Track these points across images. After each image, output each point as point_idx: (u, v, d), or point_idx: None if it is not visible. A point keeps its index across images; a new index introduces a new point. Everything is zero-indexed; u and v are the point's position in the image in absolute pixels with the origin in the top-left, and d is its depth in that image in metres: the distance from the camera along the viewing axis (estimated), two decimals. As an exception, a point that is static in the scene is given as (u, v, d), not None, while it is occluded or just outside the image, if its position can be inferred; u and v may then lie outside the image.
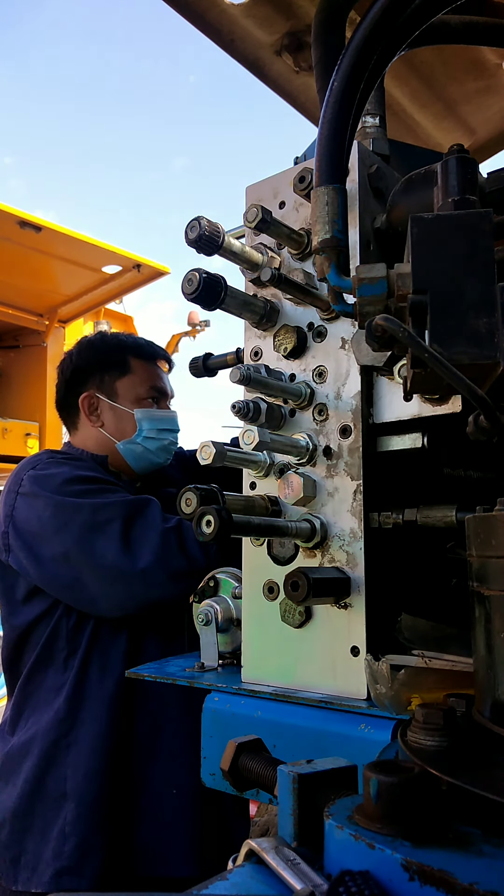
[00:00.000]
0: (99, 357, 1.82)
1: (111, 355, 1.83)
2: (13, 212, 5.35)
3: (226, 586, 1.12)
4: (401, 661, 0.77)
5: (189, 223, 0.86)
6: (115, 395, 1.79)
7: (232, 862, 0.51)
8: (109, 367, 1.80)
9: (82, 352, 1.85)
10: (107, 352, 1.83)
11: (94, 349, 1.84)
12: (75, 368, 1.82)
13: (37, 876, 1.42)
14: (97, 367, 1.80)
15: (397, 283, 0.59)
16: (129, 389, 1.79)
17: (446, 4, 0.77)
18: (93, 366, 1.81)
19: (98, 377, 1.79)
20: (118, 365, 1.81)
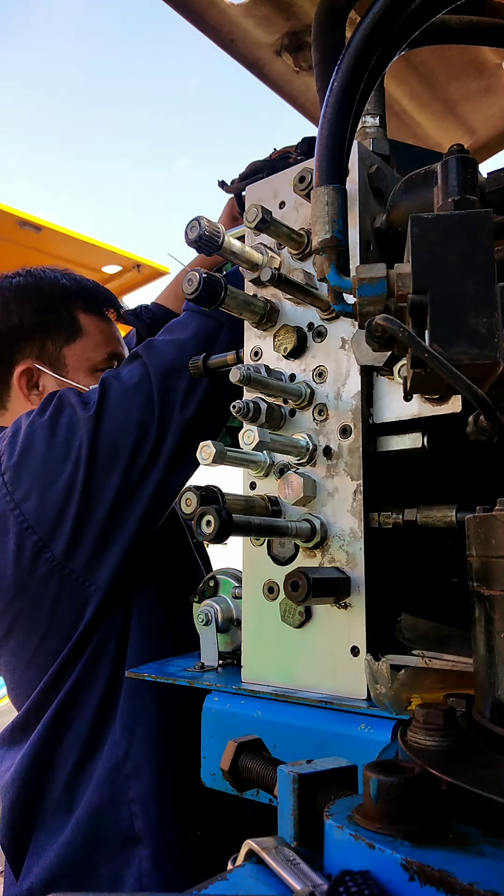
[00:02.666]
0: (38, 315, 1.40)
1: (54, 311, 1.42)
2: (13, 212, 5.35)
3: (226, 586, 1.12)
4: (401, 661, 0.77)
5: (189, 223, 0.86)
6: (62, 365, 1.41)
7: (232, 862, 0.51)
8: (53, 329, 1.41)
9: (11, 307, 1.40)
10: (48, 307, 1.41)
11: (32, 304, 1.41)
12: (5, 330, 1.39)
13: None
14: (35, 329, 1.40)
15: (397, 283, 0.59)
16: (82, 359, 1.42)
17: (446, 4, 0.77)
18: (29, 328, 1.39)
19: (37, 342, 1.40)
20: (65, 325, 1.42)
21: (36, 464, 1.19)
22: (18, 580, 1.21)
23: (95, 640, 1.23)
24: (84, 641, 1.23)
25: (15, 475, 1.20)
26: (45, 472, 1.18)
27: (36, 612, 1.22)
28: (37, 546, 1.19)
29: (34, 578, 1.20)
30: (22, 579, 1.20)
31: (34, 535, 1.18)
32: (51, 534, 1.18)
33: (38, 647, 1.24)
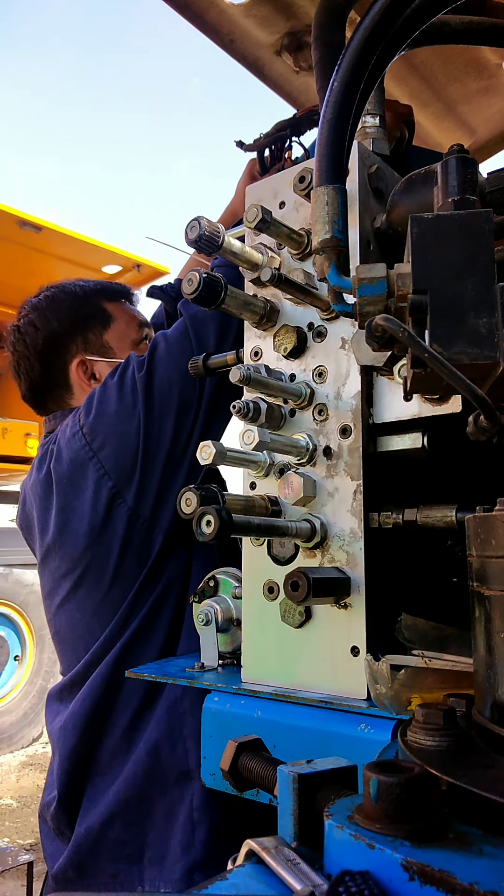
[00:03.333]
0: (73, 316, 1.56)
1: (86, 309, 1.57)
2: (13, 212, 5.35)
3: (226, 586, 1.12)
4: (401, 661, 0.77)
5: (189, 223, 0.86)
6: (109, 350, 1.56)
7: (232, 862, 0.51)
8: (89, 323, 1.56)
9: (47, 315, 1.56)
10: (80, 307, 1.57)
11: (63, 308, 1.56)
12: (48, 336, 1.54)
13: (165, 873, 1.18)
14: (74, 327, 1.55)
15: (397, 283, 0.59)
16: (121, 338, 1.57)
17: (446, 4, 0.77)
18: (68, 327, 1.55)
19: (80, 338, 1.55)
20: (98, 317, 1.57)
21: (110, 416, 1.32)
22: (93, 528, 1.31)
23: (160, 586, 1.32)
24: (149, 587, 1.31)
25: (92, 427, 1.33)
26: (118, 422, 1.31)
27: (106, 560, 1.31)
28: (112, 492, 1.30)
29: (107, 526, 1.30)
30: (96, 527, 1.30)
31: (110, 482, 1.31)
32: (124, 480, 1.30)
33: (105, 595, 1.32)
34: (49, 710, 1.43)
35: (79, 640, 1.36)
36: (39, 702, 6.06)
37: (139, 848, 1.22)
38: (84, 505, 1.32)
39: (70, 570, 1.36)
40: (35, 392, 1.62)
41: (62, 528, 1.36)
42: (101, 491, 1.30)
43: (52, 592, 1.43)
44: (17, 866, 2.90)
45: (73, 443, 1.35)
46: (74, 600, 1.36)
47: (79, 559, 1.34)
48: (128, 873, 1.21)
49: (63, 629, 1.41)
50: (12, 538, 6.07)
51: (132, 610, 1.31)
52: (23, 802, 4.99)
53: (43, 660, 6.15)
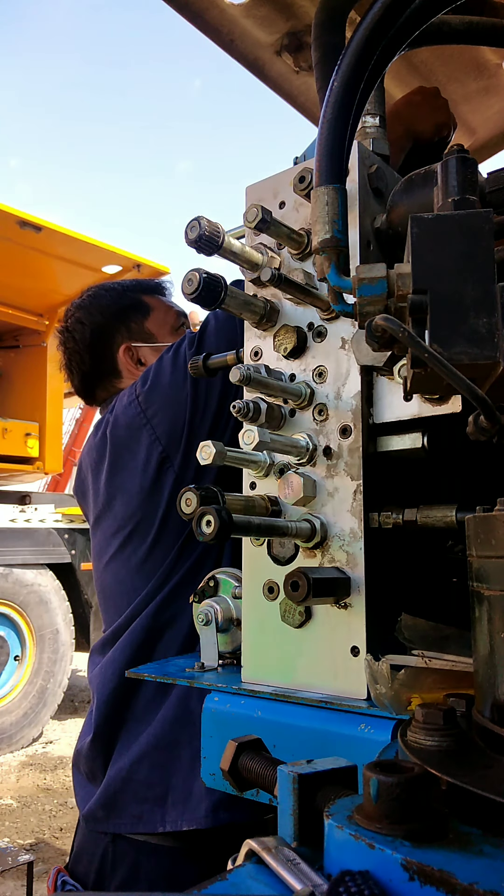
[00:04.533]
0: (115, 308, 1.71)
1: (125, 301, 1.73)
2: (13, 212, 5.36)
3: (226, 586, 1.12)
4: (401, 661, 0.77)
5: (189, 223, 0.86)
6: (151, 336, 1.71)
7: (232, 862, 0.51)
8: (130, 313, 1.71)
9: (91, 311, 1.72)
10: (120, 300, 1.73)
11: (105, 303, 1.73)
12: (95, 329, 1.70)
13: (188, 812, 1.24)
14: (117, 318, 1.70)
15: (397, 283, 0.59)
16: (161, 325, 1.72)
17: (446, 4, 0.77)
18: (112, 319, 1.70)
19: (123, 328, 1.70)
20: (137, 308, 1.72)
21: (164, 386, 1.43)
22: (143, 489, 1.42)
23: (199, 550, 1.40)
24: (188, 550, 1.40)
25: (147, 396, 1.44)
26: (170, 393, 1.41)
27: (152, 520, 1.42)
28: (161, 456, 1.41)
29: (156, 487, 1.41)
30: (146, 488, 1.42)
31: (160, 447, 1.41)
32: (173, 446, 1.41)
33: (148, 553, 1.42)
34: (91, 662, 1.53)
35: (123, 596, 1.46)
36: (39, 702, 6.07)
37: (164, 790, 1.28)
38: (136, 467, 1.43)
39: (119, 528, 1.46)
40: (87, 383, 1.76)
41: (116, 488, 1.48)
42: (151, 455, 1.41)
43: (101, 552, 1.53)
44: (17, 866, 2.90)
45: (129, 410, 1.46)
46: (121, 558, 1.47)
47: (128, 518, 1.44)
48: (151, 814, 1.28)
49: (109, 585, 1.51)
50: (12, 538, 6.08)
51: (173, 569, 1.40)
52: (23, 802, 4.99)
53: (43, 660, 6.15)
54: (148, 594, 1.40)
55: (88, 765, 1.42)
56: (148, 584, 1.41)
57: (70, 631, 6.43)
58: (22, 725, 5.94)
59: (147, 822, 1.27)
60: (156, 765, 1.29)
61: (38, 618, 6.16)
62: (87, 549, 6.27)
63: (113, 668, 1.39)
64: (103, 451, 1.51)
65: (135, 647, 1.38)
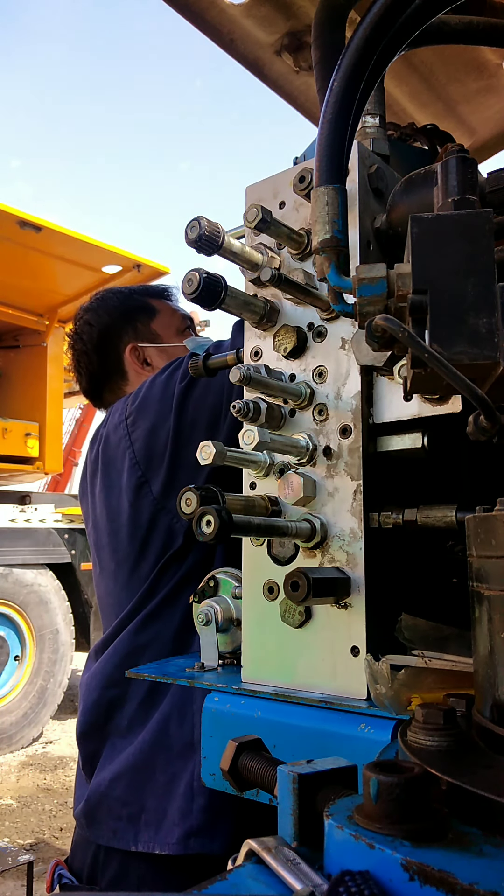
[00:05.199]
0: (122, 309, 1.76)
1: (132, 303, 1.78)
2: (13, 212, 5.36)
3: (226, 586, 1.12)
4: (401, 661, 0.77)
5: (189, 223, 0.86)
6: (157, 337, 1.74)
7: (232, 862, 0.51)
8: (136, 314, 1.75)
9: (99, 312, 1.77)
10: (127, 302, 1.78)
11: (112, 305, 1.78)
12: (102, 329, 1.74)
13: (161, 836, 1.25)
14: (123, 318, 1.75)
15: (397, 283, 0.59)
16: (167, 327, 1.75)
17: (446, 4, 0.77)
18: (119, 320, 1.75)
19: (130, 328, 1.74)
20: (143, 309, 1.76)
21: (149, 412, 1.43)
22: (125, 509, 1.43)
23: (182, 570, 1.40)
24: (171, 570, 1.40)
25: (134, 418, 1.46)
26: (155, 420, 1.42)
27: (135, 540, 1.43)
28: (140, 480, 1.42)
29: (137, 509, 1.42)
30: (127, 509, 1.43)
31: (139, 471, 1.42)
32: (151, 472, 1.41)
33: (133, 571, 1.44)
34: (86, 666, 1.55)
35: (112, 608, 1.49)
36: (39, 702, 6.07)
37: (138, 810, 1.29)
38: (120, 487, 1.45)
39: (108, 543, 1.49)
40: (94, 383, 1.79)
41: (104, 506, 1.50)
42: (132, 477, 1.43)
43: (96, 561, 1.57)
44: (17, 866, 2.90)
45: (118, 430, 1.49)
46: (110, 571, 1.49)
47: (115, 535, 1.46)
48: (125, 832, 1.28)
49: (102, 595, 1.55)
50: (12, 538, 6.08)
51: (155, 588, 1.41)
52: (23, 802, 4.99)
53: (43, 660, 6.15)
54: (130, 611, 1.42)
55: (83, 766, 1.45)
56: (131, 600, 1.43)
57: (70, 631, 6.43)
58: (22, 725, 5.94)
59: (121, 839, 1.28)
60: (132, 785, 1.30)
61: (38, 618, 6.16)
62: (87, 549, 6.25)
63: (97, 681, 1.41)
64: (96, 466, 1.55)
65: (116, 665, 1.39)
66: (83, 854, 1.35)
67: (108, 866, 1.30)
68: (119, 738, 1.38)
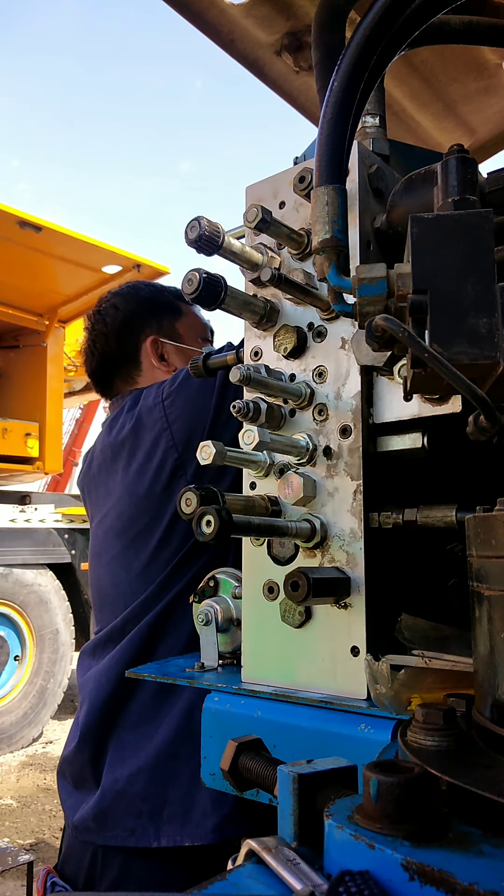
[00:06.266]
0: (151, 301, 1.75)
1: (162, 298, 1.76)
2: (13, 212, 5.36)
3: (226, 586, 1.12)
4: (401, 661, 0.77)
5: (189, 223, 0.86)
6: (179, 337, 1.73)
7: (232, 862, 0.51)
8: (164, 311, 1.74)
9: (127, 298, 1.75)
10: (157, 296, 1.77)
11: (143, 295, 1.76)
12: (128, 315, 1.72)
13: (190, 827, 1.23)
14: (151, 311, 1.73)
15: (397, 283, 0.59)
16: (190, 330, 1.75)
17: (446, 4, 0.77)
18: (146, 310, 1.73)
19: (154, 322, 1.72)
20: (171, 308, 1.75)
21: (191, 392, 1.42)
22: (154, 492, 1.42)
23: (203, 560, 1.39)
24: (192, 559, 1.39)
25: (173, 400, 1.44)
26: (195, 403, 1.41)
27: (158, 525, 1.41)
28: (176, 463, 1.41)
29: (167, 493, 1.41)
30: (157, 492, 1.42)
31: (176, 453, 1.41)
32: (189, 453, 1.40)
33: (151, 558, 1.41)
34: (81, 665, 1.52)
35: (119, 598, 1.45)
36: (39, 702, 6.07)
37: (160, 804, 1.26)
38: (150, 470, 1.43)
39: (125, 528, 1.46)
40: (106, 366, 1.75)
41: (127, 489, 1.47)
42: (167, 460, 1.42)
43: (102, 551, 1.53)
44: (17, 866, 2.90)
45: (153, 412, 1.46)
46: (122, 559, 1.46)
47: (136, 519, 1.44)
48: (145, 829, 1.26)
49: (105, 586, 1.51)
50: (12, 538, 6.08)
51: (174, 576, 1.39)
52: (23, 802, 4.99)
53: (43, 660, 6.15)
54: (146, 600, 1.39)
55: (75, 772, 1.41)
56: (147, 589, 1.40)
57: (70, 631, 6.43)
58: (22, 725, 5.93)
59: (140, 837, 1.25)
60: (153, 779, 1.28)
61: (38, 618, 6.16)
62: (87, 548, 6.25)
63: (108, 676, 1.38)
64: (120, 451, 1.52)
65: (132, 655, 1.36)
66: (78, 859, 1.32)
67: (108, 869, 1.28)
68: (128, 731, 1.35)
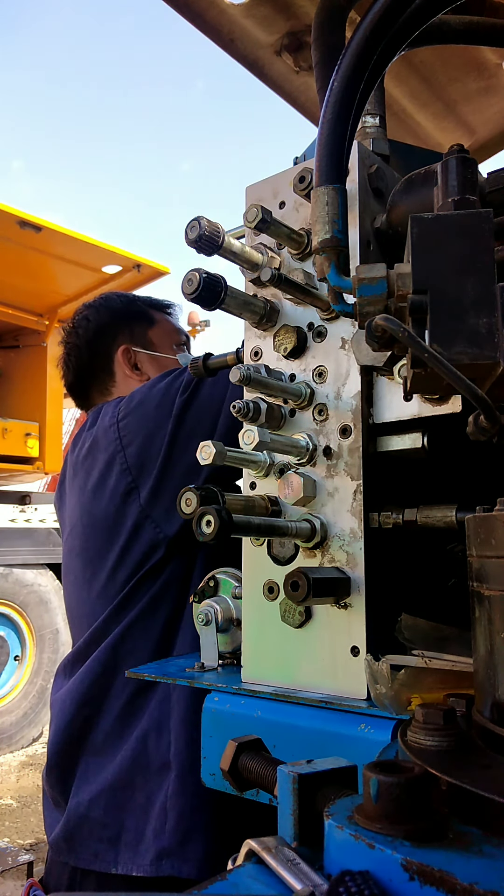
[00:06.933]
0: (121, 311, 1.76)
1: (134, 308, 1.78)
2: (13, 212, 5.36)
3: (226, 586, 1.12)
4: (401, 661, 0.77)
5: (189, 223, 0.86)
6: (152, 345, 1.73)
7: (232, 862, 0.51)
8: (135, 319, 1.75)
9: (99, 310, 1.77)
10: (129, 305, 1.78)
11: (114, 305, 1.78)
12: (100, 326, 1.74)
13: (139, 857, 1.23)
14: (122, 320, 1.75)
15: (397, 283, 0.59)
16: (163, 338, 1.75)
17: (446, 4, 0.77)
18: (117, 320, 1.75)
19: (126, 331, 1.73)
20: (143, 316, 1.77)
21: (147, 416, 1.40)
22: (108, 514, 1.41)
23: (160, 581, 1.38)
24: (149, 580, 1.39)
25: (128, 422, 1.43)
26: (149, 426, 1.39)
27: (113, 547, 1.40)
28: (129, 486, 1.40)
29: (120, 515, 1.40)
30: (111, 514, 1.41)
31: (129, 476, 1.40)
32: (142, 479, 1.38)
33: (108, 579, 1.40)
34: (55, 683, 1.52)
35: (84, 618, 1.45)
36: (39, 702, 6.06)
37: (117, 831, 1.27)
38: (105, 492, 1.42)
39: (83, 549, 1.46)
40: (80, 379, 1.77)
41: (84, 510, 1.47)
42: (120, 483, 1.40)
43: (67, 569, 1.54)
44: (17, 866, 2.90)
45: (108, 433, 1.45)
46: (83, 579, 1.46)
47: (92, 540, 1.43)
48: (106, 854, 1.26)
49: (72, 605, 1.52)
50: (12, 538, 6.08)
51: (130, 598, 1.38)
52: (23, 802, 4.99)
53: (43, 660, 6.15)
54: (104, 622, 1.39)
55: (51, 791, 1.41)
56: (105, 610, 1.39)
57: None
58: (22, 725, 5.93)
59: (102, 861, 1.26)
60: (111, 805, 1.28)
61: (38, 618, 6.15)
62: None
63: (72, 697, 1.37)
64: (78, 469, 1.52)
65: (92, 679, 1.36)
66: (59, 876, 1.32)
67: (85, 887, 1.28)
68: (93, 756, 1.35)
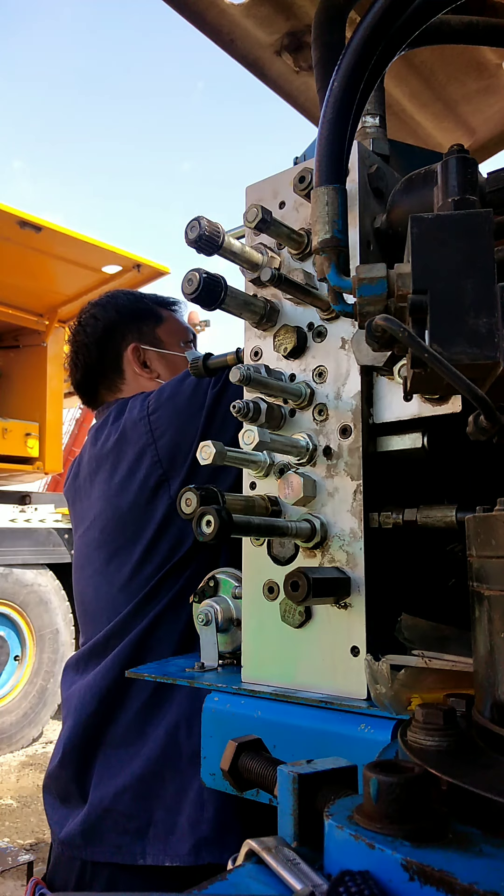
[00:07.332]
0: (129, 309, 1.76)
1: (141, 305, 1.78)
2: (13, 212, 5.36)
3: (226, 586, 1.12)
4: (401, 661, 0.77)
5: (189, 223, 0.86)
6: (160, 343, 1.74)
7: (232, 862, 0.51)
8: (143, 317, 1.75)
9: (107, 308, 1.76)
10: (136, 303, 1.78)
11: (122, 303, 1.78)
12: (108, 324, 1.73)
13: (171, 848, 1.22)
14: (130, 318, 1.74)
15: (397, 283, 0.59)
16: (171, 335, 1.75)
17: (446, 4, 0.77)
18: (126, 318, 1.74)
19: (135, 329, 1.73)
20: (150, 314, 1.77)
21: (177, 410, 1.41)
22: (137, 506, 1.41)
23: (187, 573, 1.38)
24: (175, 575, 1.39)
25: (159, 415, 1.43)
26: (181, 419, 1.40)
27: (140, 540, 1.40)
28: (160, 478, 1.41)
29: (150, 508, 1.41)
30: (140, 506, 1.41)
31: (160, 469, 1.41)
32: (173, 471, 1.40)
33: (133, 573, 1.40)
34: (65, 679, 1.50)
35: (102, 612, 1.44)
36: (39, 702, 6.07)
37: (145, 822, 1.26)
38: (134, 484, 1.43)
39: (106, 542, 1.45)
40: (89, 377, 1.76)
41: (108, 503, 1.46)
42: (151, 475, 1.41)
43: (84, 563, 1.52)
44: (17, 866, 2.90)
45: (138, 426, 1.45)
46: (105, 573, 1.45)
47: (117, 533, 1.43)
48: (131, 846, 1.26)
49: (89, 600, 1.50)
50: (12, 538, 6.08)
51: (156, 593, 1.38)
52: (23, 802, 4.99)
53: (43, 660, 6.15)
54: (129, 615, 1.38)
55: (60, 787, 1.40)
56: (129, 604, 1.39)
57: (70, 631, 6.43)
58: (22, 725, 5.93)
59: (126, 854, 1.25)
60: (139, 797, 1.27)
61: (38, 618, 6.15)
62: (87, 549, 6.23)
63: (93, 692, 1.37)
64: (103, 463, 1.51)
65: (115, 673, 1.35)
66: (66, 872, 1.32)
67: (95, 881, 1.28)
68: (113, 749, 1.34)
